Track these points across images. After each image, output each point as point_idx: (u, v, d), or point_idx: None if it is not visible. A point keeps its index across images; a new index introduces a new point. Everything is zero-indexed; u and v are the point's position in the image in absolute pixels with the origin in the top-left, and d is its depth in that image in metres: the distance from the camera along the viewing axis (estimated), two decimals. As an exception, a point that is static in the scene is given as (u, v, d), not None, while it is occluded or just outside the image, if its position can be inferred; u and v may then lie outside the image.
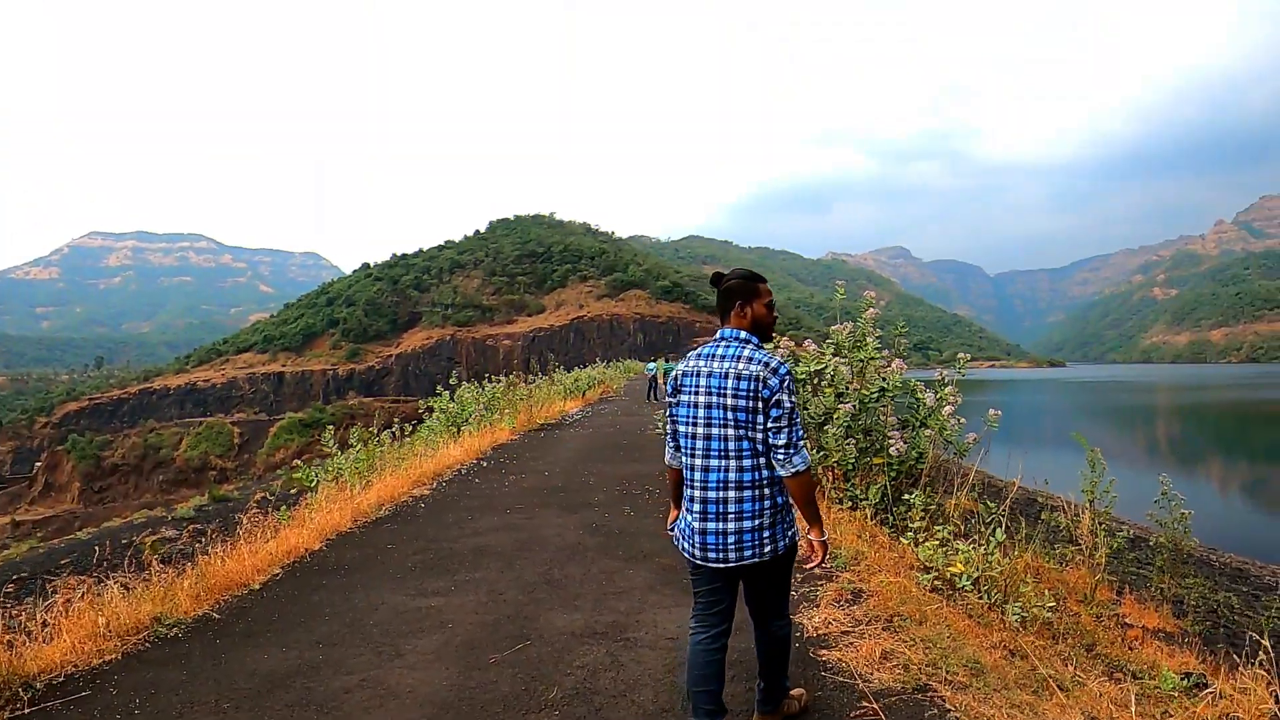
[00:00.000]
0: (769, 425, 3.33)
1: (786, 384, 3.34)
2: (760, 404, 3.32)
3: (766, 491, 3.40)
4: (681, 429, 3.54)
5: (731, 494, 3.37)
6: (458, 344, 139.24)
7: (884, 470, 8.28)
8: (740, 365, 3.36)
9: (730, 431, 3.36)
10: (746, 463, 3.37)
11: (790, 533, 3.50)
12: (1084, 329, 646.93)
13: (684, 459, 3.55)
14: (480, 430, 17.01)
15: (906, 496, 7.60)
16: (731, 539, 3.37)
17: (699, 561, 3.49)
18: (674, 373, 3.62)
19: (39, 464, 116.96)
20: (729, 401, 3.35)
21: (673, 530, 3.74)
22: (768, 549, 3.40)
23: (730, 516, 3.37)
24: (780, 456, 3.33)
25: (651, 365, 34.49)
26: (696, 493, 3.46)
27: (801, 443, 3.37)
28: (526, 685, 4.21)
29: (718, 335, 3.56)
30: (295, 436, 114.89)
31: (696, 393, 3.46)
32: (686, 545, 3.54)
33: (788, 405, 3.32)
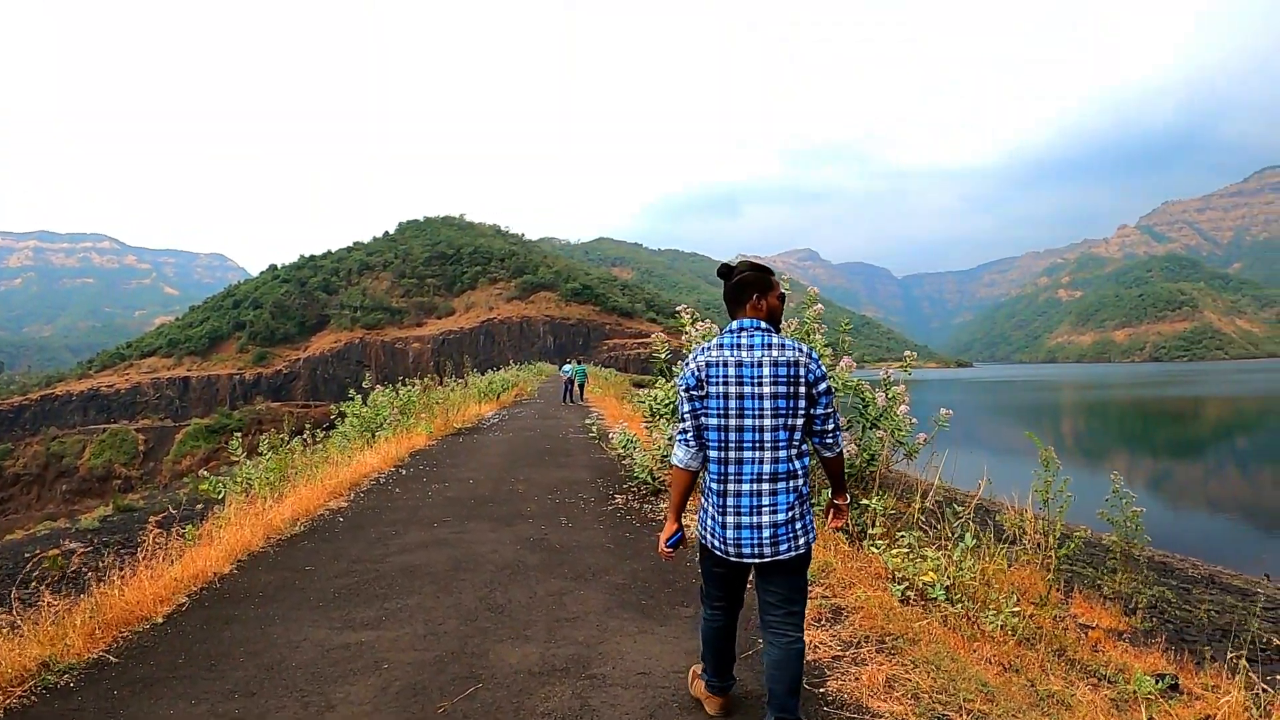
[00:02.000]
0: (819, 411, 3.38)
1: (824, 370, 3.39)
2: (803, 389, 3.33)
3: (800, 483, 3.36)
4: (713, 422, 3.38)
5: (766, 486, 3.32)
6: (367, 347, 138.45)
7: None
8: (774, 353, 3.33)
9: (766, 421, 3.31)
10: (781, 454, 3.32)
11: (813, 524, 3.45)
12: (991, 329, 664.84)
13: (713, 453, 3.39)
14: (396, 436, 16.30)
15: (865, 501, 7.21)
16: (766, 533, 3.32)
17: (732, 559, 3.41)
18: (693, 365, 3.44)
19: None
20: (766, 390, 3.30)
21: (670, 547, 3.62)
22: (800, 541, 3.36)
23: (765, 510, 3.32)
24: (830, 440, 3.46)
25: (567, 367, 34.16)
26: (730, 486, 3.36)
27: (841, 421, 3.49)
28: (485, 741, 3.56)
29: (734, 325, 3.46)
30: (202, 443, 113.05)
31: (727, 383, 3.34)
32: (717, 543, 3.43)
33: (832, 390, 3.42)
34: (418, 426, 17.72)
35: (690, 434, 3.46)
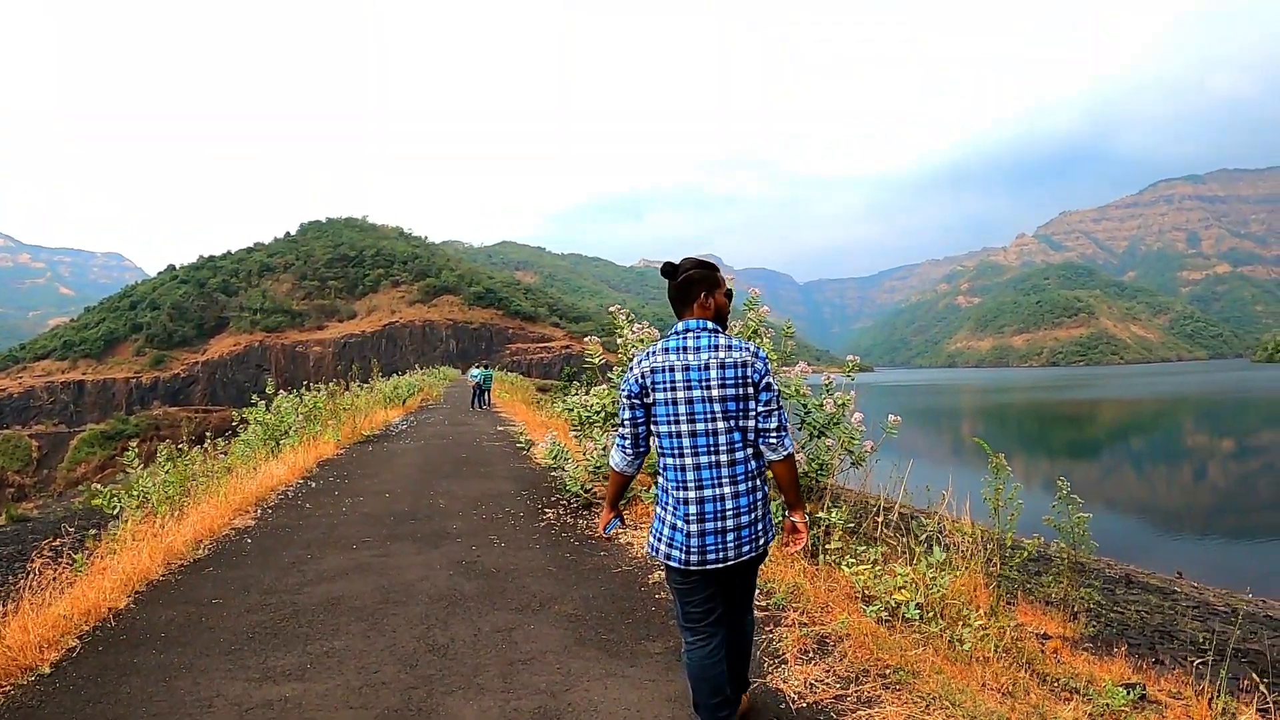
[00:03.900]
0: (759, 410, 3.27)
1: (769, 368, 3.29)
2: (752, 389, 3.25)
3: (758, 483, 3.32)
4: (664, 429, 3.31)
5: (727, 489, 3.25)
6: (267, 350, 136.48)
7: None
8: (721, 354, 3.26)
9: (719, 425, 3.24)
10: (738, 455, 3.27)
11: (772, 524, 3.43)
12: (891, 334, 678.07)
13: (669, 460, 3.32)
14: (303, 444, 15.38)
15: (820, 515, 6.76)
16: (730, 537, 3.26)
17: (695, 567, 3.28)
18: (636, 371, 3.37)
19: None
20: (715, 393, 3.24)
21: (609, 531, 3.66)
22: (761, 542, 3.36)
23: (728, 514, 3.25)
24: (773, 440, 3.30)
25: (475, 371, 33.45)
26: (690, 494, 3.27)
27: (788, 425, 3.36)
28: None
29: (680, 327, 3.39)
30: (97, 449, 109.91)
31: (674, 388, 3.27)
32: (679, 554, 3.29)
33: (775, 388, 3.29)
34: (325, 434, 16.91)
35: (628, 440, 3.43)
